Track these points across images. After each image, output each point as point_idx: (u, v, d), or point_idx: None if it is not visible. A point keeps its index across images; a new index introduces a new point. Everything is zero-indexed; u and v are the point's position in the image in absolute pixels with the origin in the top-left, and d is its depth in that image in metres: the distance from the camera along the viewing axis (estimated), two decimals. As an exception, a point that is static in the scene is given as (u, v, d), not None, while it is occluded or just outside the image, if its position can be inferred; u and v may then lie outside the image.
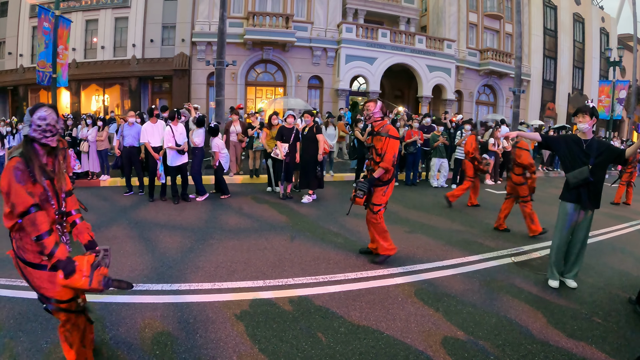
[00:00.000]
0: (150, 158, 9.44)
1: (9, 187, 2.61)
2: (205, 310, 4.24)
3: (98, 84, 24.78)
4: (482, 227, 7.65)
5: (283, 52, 22.62)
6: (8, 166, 2.64)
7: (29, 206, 2.61)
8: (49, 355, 3.45)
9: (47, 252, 2.65)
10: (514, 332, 3.82)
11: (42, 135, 2.78)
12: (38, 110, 2.81)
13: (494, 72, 27.42)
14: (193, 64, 22.56)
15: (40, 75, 14.66)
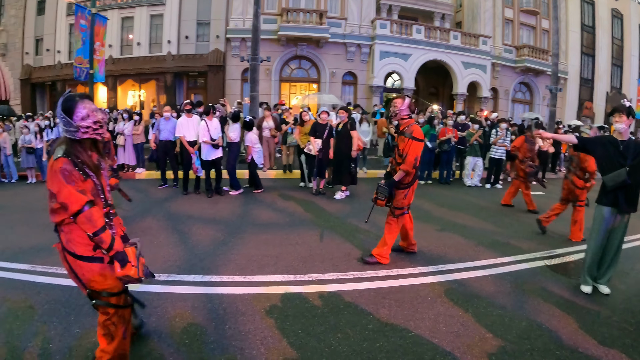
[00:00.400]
0: (185, 152, 9.64)
1: (59, 189, 2.60)
2: (235, 302, 4.31)
3: (134, 79, 25.30)
4: (514, 228, 7.52)
5: (317, 48, 22.65)
6: (55, 168, 2.62)
7: (83, 204, 2.61)
8: (81, 340, 3.58)
9: (106, 246, 2.68)
10: (544, 337, 3.75)
11: (94, 135, 2.75)
12: (76, 109, 2.70)
13: (530, 69, 26.78)
14: (227, 60, 22.80)
15: (78, 71, 15.18)
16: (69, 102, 2.68)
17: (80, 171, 2.66)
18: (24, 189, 11.32)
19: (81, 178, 2.66)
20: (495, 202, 9.91)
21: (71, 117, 2.66)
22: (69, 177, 2.59)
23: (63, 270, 5.00)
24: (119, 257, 2.71)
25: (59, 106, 2.70)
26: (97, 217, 2.65)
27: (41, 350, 3.45)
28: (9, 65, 27.32)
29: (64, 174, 2.59)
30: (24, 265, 5.36)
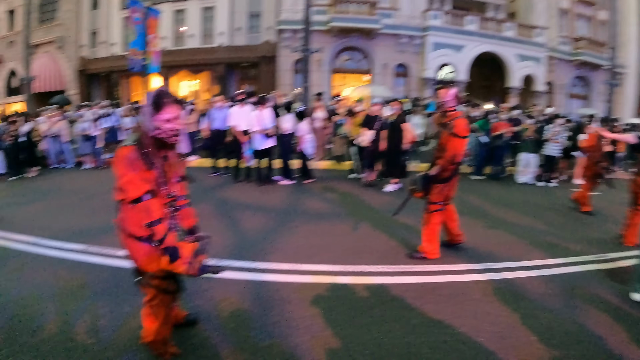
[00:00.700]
0: (236, 141, 9.86)
1: (122, 173, 2.65)
2: (282, 290, 4.41)
3: (187, 70, 26.01)
4: (567, 229, 7.31)
5: (368, 39, 22.54)
6: (121, 154, 2.67)
7: (143, 193, 2.65)
8: (130, 319, 3.77)
9: (158, 238, 2.71)
10: (590, 344, 3.65)
11: (166, 138, 2.77)
12: (164, 109, 2.73)
13: (587, 63, 25.79)
14: (279, 51, 23.01)
15: (132, 62, 15.89)
16: (161, 99, 2.73)
17: (145, 161, 2.70)
18: (80, 174, 11.94)
19: (144, 168, 2.69)
20: (548, 200, 9.64)
21: (156, 113, 2.72)
22: (133, 165, 2.64)
23: (116, 251, 5.32)
24: (168, 252, 2.74)
25: (150, 97, 2.76)
26: (154, 209, 2.69)
27: (91, 327, 3.66)
28: (65, 57, 28.61)
29: (128, 160, 2.64)
30: (79, 246, 5.67)
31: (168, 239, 2.73)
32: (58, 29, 28.63)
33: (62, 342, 3.45)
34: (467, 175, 12.10)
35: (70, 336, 3.54)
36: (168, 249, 2.73)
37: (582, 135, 12.12)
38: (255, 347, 3.41)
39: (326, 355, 3.34)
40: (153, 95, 2.76)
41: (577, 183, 12.03)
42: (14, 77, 29.70)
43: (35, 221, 7.04)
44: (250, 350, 3.37)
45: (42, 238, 6.06)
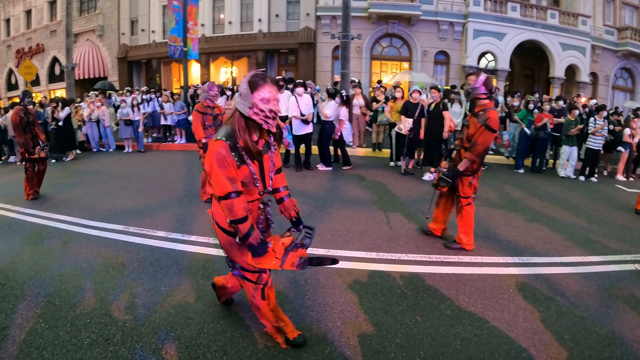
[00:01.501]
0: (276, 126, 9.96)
1: (211, 169, 2.65)
2: (317, 274, 4.48)
3: (226, 56, 26.31)
4: (608, 226, 7.14)
5: (408, 26, 22.28)
6: (212, 149, 2.64)
7: (227, 193, 2.62)
8: (166, 297, 3.93)
9: (241, 235, 2.72)
10: (624, 348, 3.56)
11: (263, 121, 2.68)
12: (261, 87, 2.66)
13: (633, 53, 24.68)
14: (318, 38, 23.01)
15: (172, 49, 16.28)
16: (258, 79, 2.67)
17: (236, 157, 2.66)
18: (121, 158, 12.34)
19: (234, 165, 2.66)
20: (589, 195, 9.42)
21: (252, 92, 2.65)
22: (222, 162, 2.61)
23: (154, 232, 5.59)
24: (251, 249, 2.75)
25: (247, 77, 2.71)
26: (238, 209, 2.65)
27: (127, 304, 3.83)
28: (106, 45, 29.57)
29: (217, 157, 2.60)
30: (119, 226, 5.92)
31: (251, 238, 2.72)
32: (98, 18, 29.59)
33: (97, 317, 3.62)
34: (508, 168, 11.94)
35: (106, 312, 3.71)
36: (252, 246, 2.74)
37: (626, 129, 11.82)
38: None
39: (357, 341, 3.39)
40: (250, 74, 2.71)
41: (620, 179, 11.77)
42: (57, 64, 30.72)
43: (77, 202, 7.39)
44: None
45: (83, 218, 6.36)
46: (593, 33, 23.99)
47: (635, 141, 11.85)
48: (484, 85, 4.93)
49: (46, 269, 4.64)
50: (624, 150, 11.86)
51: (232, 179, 2.64)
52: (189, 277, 4.40)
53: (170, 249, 5.13)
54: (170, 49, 16.61)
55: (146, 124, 14.38)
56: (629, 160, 12.09)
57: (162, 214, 6.60)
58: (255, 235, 2.73)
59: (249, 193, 2.84)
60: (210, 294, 3.99)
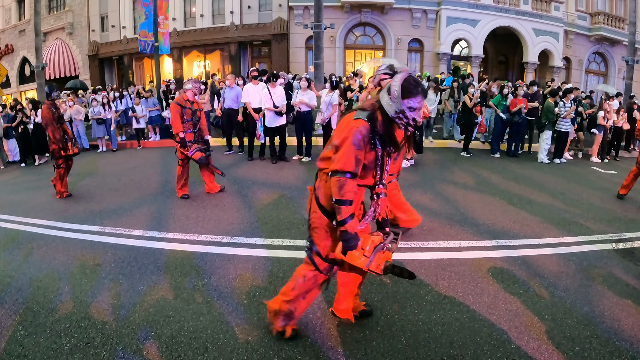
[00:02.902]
0: (249, 119, 9.87)
1: (342, 143, 2.63)
2: (296, 265, 4.31)
3: (199, 50, 26.04)
4: (584, 207, 7.19)
5: (382, 14, 22.23)
6: (351, 125, 2.65)
7: (347, 171, 2.62)
8: (145, 296, 3.85)
9: (340, 218, 2.67)
10: (604, 325, 3.59)
11: (403, 126, 2.64)
12: (413, 97, 2.56)
13: (606, 38, 25.04)
14: (291, 28, 22.85)
15: (142, 44, 15.96)
16: (412, 87, 2.57)
17: (372, 140, 2.66)
18: (95, 157, 12.05)
19: (367, 147, 2.66)
20: (565, 177, 9.49)
21: (403, 98, 2.56)
22: (358, 141, 2.60)
23: (131, 231, 5.46)
24: (345, 237, 2.69)
25: (401, 79, 2.60)
26: (348, 190, 2.64)
27: (106, 305, 3.74)
28: (76, 43, 28.86)
29: (355, 134, 2.60)
30: (94, 227, 5.78)
31: (348, 225, 2.67)
32: (68, 15, 28.86)
33: (77, 321, 3.53)
34: (484, 152, 12.00)
35: (86, 315, 3.61)
36: (346, 234, 2.69)
37: (600, 112, 11.97)
38: (268, 323, 3.40)
39: (338, 331, 3.36)
40: (405, 79, 2.60)
41: (594, 160, 11.92)
42: (27, 65, 30.03)
43: (52, 205, 7.20)
44: (262, 327, 3.40)
45: (58, 221, 6.19)
46: (566, 18, 24.26)
47: (609, 124, 12.02)
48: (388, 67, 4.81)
49: (23, 274, 4.51)
50: (598, 132, 12.01)
51: (359, 161, 2.64)
52: (167, 275, 4.33)
53: (147, 247, 5.05)
54: (140, 45, 16.27)
55: (119, 121, 14.07)
56: (604, 142, 12.25)
57: (138, 212, 6.48)
58: (353, 224, 2.69)
59: (364, 177, 2.80)
60: (189, 290, 3.97)
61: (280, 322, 3.16)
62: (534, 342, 3.31)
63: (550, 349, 3.24)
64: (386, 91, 2.64)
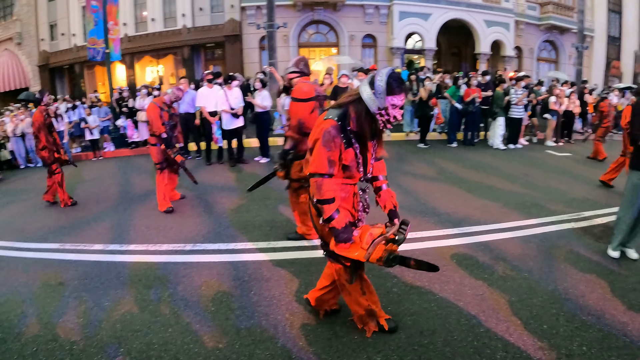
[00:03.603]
0: (206, 123, 9.70)
1: (314, 144, 2.66)
2: (261, 268, 4.38)
3: (151, 55, 25.34)
4: (542, 190, 7.34)
5: (334, 11, 22.19)
6: (322, 126, 2.64)
7: (322, 173, 2.63)
8: (111, 312, 3.69)
9: (325, 217, 2.69)
10: (570, 302, 3.67)
11: (383, 123, 2.66)
12: (397, 94, 2.57)
13: (555, 27, 25.72)
14: (244, 29, 22.57)
15: (92, 52, 15.42)
16: (397, 85, 2.56)
17: (345, 139, 2.64)
18: None
19: (341, 146, 2.64)
20: (521, 162, 9.70)
21: (387, 95, 2.56)
22: (329, 142, 2.59)
23: (91, 246, 5.26)
24: (334, 233, 2.70)
25: (386, 75, 2.57)
26: (326, 190, 2.64)
27: (73, 325, 3.56)
28: (25, 53, 27.56)
29: (325, 135, 2.59)
30: (54, 245, 5.52)
31: (335, 221, 2.67)
32: (16, 25, 27.43)
33: (44, 344, 3.35)
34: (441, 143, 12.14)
35: (53, 336, 3.43)
36: (334, 230, 2.69)
37: (552, 97, 12.30)
38: (237, 329, 3.36)
39: (308, 331, 3.30)
40: (390, 74, 2.57)
41: (549, 144, 12.24)
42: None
43: (8, 224, 6.82)
44: (231, 332, 3.32)
45: (16, 241, 5.87)
46: (516, 9, 24.79)
47: (562, 108, 12.37)
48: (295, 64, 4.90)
49: (-16, 300, 4.26)
50: (551, 117, 12.35)
51: (332, 162, 2.64)
52: (132, 288, 4.17)
53: (109, 261, 4.86)
54: (89, 52, 15.69)
55: (73, 133, 13.57)
56: (557, 127, 12.58)
57: (97, 226, 6.22)
58: (340, 218, 2.69)
59: (351, 177, 2.81)
60: (155, 302, 3.82)
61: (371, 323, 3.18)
62: (502, 324, 3.34)
63: (519, 329, 3.27)
64: (368, 85, 2.60)
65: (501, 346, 3.08)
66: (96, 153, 12.95)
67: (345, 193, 2.84)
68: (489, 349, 3.06)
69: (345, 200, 2.84)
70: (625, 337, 3.20)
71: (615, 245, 4.64)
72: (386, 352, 3.04)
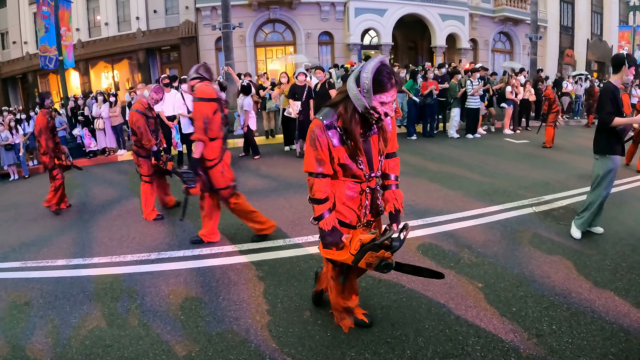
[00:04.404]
0: (164, 127, 9.46)
1: (306, 144, 2.66)
2: (227, 272, 4.30)
3: (106, 60, 24.78)
4: (502, 177, 7.50)
5: (290, 10, 22.15)
6: (311, 126, 2.61)
7: (313, 172, 2.62)
8: (79, 329, 3.55)
9: (315, 215, 2.70)
10: (536, 284, 3.75)
11: (373, 120, 2.50)
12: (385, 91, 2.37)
13: (509, 18, 26.46)
14: (199, 31, 22.29)
15: (43, 60, 14.77)
16: (386, 80, 2.35)
17: (333, 137, 2.55)
18: (7, 187, 10.93)
19: (328, 144, 2.55)
20: (479, 151, 9.88)
21: (375, 93, 2.36)
22: (314, 142, 2.56)
23: (54, 262, 5.07)
24: (321, 234, 2.70)
25: (373, 69, 2.33)
26: (317, 189, 2.64)
27: (41, 345, 3.41)
28: (-23, 64, 26.52)
29: (311, 136, 2.58)
30: (16, 263, 5.27)
31: (322, 222, 2.66)
32: (-36, 35, 26.39)
33: None
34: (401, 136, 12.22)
35: (23, 358, 3.28)
36: (321, 231, 2.69)
37: (508, 87, 12.60)
38: (209, 335, 3.29)
39: (280, 333, 3.26)
40: (377, 69, 2.35)
41: (507, 132, 12.52)
42: None
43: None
44: (203, 340, 3.24)
45: None
46: (470, 2, 25.32)
47: (518, 97, 12.69)
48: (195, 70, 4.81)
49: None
50: (507, 106, 12.64)
51: (320, 161, 2.59)
52: (98, 302, 4.01)
53: (74, 276, 4.66)
54: (41, 60, 15.02)
55: (28, 145, 13.03)
56: (514, 115, 12.89)
57: (59, 240, 5.95)
58: (328, 220, 2.66)
59: (355, 176, 2.70)
60: (123, 315, 3.70)
61: (348, 319, 3.21)
62: (472, 310, 3.38)
63: (488, 314, 3.31)
64: (354, 81, 2.43)
65: (472, 332, 3.11)
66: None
67: (352, 192, 2.73)
68: (461, 335, 3.08)
69: (351, 200, 2.74)
70: (592, 314, 3.29)
71: (584, 227, 4.75)
72: (359, 347, 3.02)
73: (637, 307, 3.40)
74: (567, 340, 3.01)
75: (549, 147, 10.24)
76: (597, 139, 4.58)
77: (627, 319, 3.23)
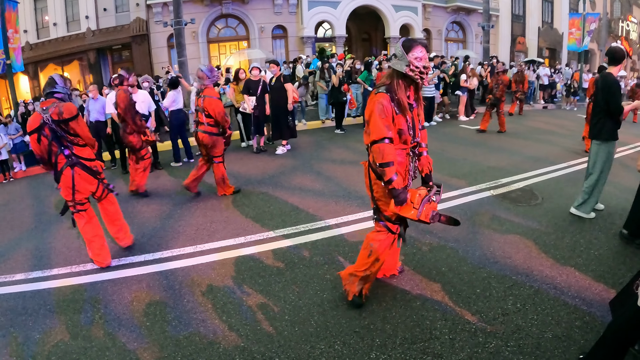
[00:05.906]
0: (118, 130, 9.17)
1: (370, 116, 2.97)
2: (190, 274, 4.21)
3: (56, 62, 23.77)
4: (459, 163, 7.62)
5: (243, 4, 21.86)
6: (374, 99, 2.96)
7: (382, 138, 2.90)
8: (44, 345, 3.41)
9: (387, 178, 2.93)
10: (498, 265, 3.83)
11: (418, 76, 2.93)
12: (414, 48, 2.92)
13: (462, 8, 26.95)
14: (151, 28, 21.73)
15: None
16: (410, 42, 2.96)
17: (396, 107, 2.95)
18: None
19: (393, 114, 2.95)
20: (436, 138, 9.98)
21: (407, 52, 2.91)
22: (382, 111, 2.91)
23: (12, 276, 4.81)
24: (394, 194, 2.95)
25: (400, 42, 3.01)
26: (388, 153, 2.91)
27: None
28: None
29: (378, 106, 2.92)
30: None
31: (395, 183, 2.94)
32: None
33: None
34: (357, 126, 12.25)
35: None
36: (394, 191, 2.95)
37: (462, 75, 12.80)
38: (176, 339, 3.21)
39: (248, 330, 3.23)
40: (402, 40, 3.00)
41: (462, 119, 12.74)
42: None
43: None
44: (171, 345, 3.16)
45: None
46: (423, -7, 25.61)
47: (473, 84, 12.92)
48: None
49: None
50: (461, 93, 12.86)
51: (388, 127, 2.93)
52: (61, 315, 3.83)
53: (33, 290, 4.42)
54: (-12, 65, 14.35)
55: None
56: (468, 102, 13.14)
57: (15, 254, 5.61)
58: (398, 181, 2.96)
59: (405, 142, 3.08)
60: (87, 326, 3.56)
61: (357, 286, 3.31)
62: (437, 294, 3.43)
63: (454, 297, 3.38)
64: (393, 57, 3.05)
65: (439, 316, 3.16)
66: (6, 175, 11.83)
67: (401, 158, 3.08)
68: (428, 320, 3.12)
69: (400, 165, 3.06)
70: (555, 290, 3.40)
71: (591, 208, 4.93)
72: (329, 339, 3.02)
73: (597, 280, 3.53)
74: (532, 317, 3.09)
75: (503, 132, 10.47)
76: (601, 126, 4.74)
77: (589, 293, 3.35)
